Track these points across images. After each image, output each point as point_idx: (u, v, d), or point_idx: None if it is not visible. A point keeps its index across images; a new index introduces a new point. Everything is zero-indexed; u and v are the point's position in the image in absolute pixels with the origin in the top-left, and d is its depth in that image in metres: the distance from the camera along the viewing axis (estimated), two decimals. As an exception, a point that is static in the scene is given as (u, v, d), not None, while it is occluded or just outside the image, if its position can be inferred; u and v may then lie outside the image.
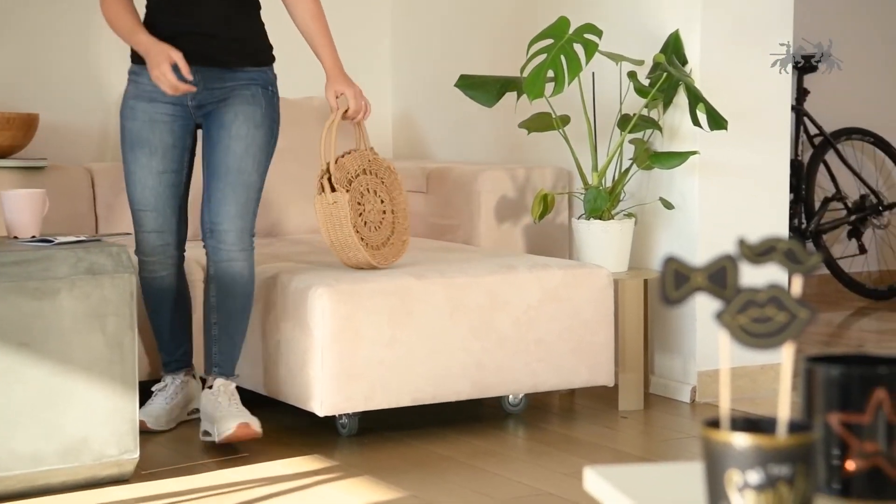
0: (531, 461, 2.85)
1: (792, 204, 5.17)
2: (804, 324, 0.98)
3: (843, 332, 4.71)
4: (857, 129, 5.30)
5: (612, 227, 3.37)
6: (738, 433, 0.95)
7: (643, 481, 1.15)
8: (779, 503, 0.92)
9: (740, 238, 1.01)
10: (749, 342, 0.99)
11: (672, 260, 1.00)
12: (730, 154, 3.43)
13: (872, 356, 1.08)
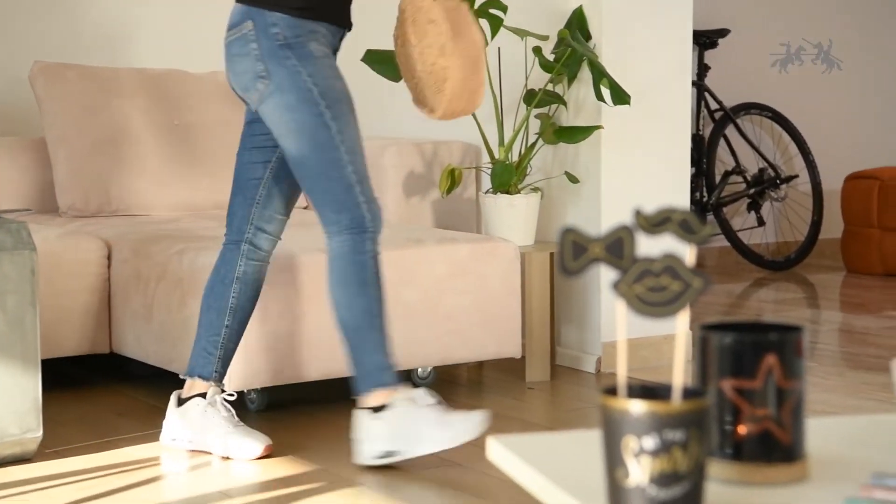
0: (440, 433, 2.87)
1: (693, 177, 5.26)
2: (698, 292, 1.01)
3: (742, 302, 4.83)
4: (755, 104, 5.42)
5: (518, 202, 3.41)
6: (634, 400, 0.97)
7: (544, 450, 1.17)
8: (673, 468, 0.95)
9: (636, 209, 1.04)
10: (645, 311, 1.01)
11: (570, 231, 1.02)
12: (633, 128, 3.48)
13: (764, 324, 1.12)
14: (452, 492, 2.44)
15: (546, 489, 1.08)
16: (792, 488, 1.03)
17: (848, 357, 3.75)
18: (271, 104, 2.48)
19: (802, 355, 1.07)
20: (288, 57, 2.46)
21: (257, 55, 2.47)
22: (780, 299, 4.88)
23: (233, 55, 2.52)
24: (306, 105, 2.47)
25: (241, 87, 2.54)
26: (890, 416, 1.21)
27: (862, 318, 4.36)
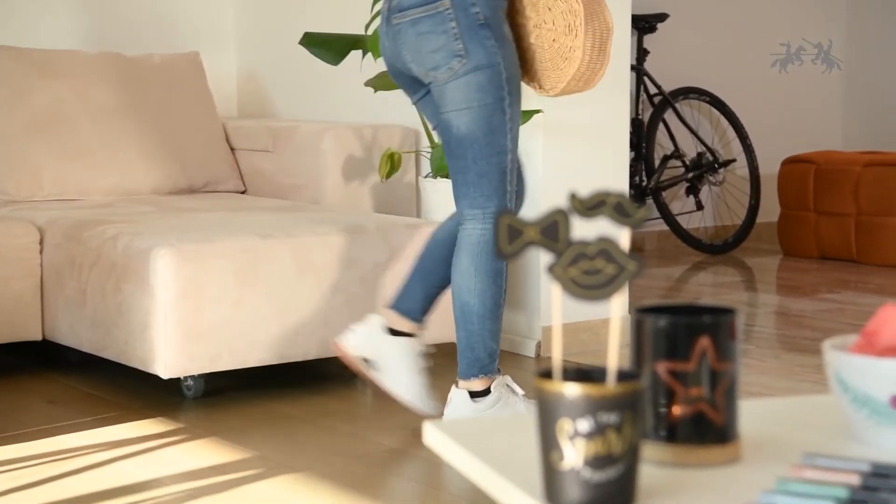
0: (379, 419, 2.86)
1: (633, 162, 5.29)
2: (632, 275, 1.00)
3: (681, 285, 4.87)
4: (694, 88, 5.46)
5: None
6: (569, 383, 0.97)
7: (480, 434, 1.17)
8: (607, 450, 0.95)
9: (571, 192, 1.03)
10: (579, 294, 1.01)
11: (505, 214, 1.02)
12: (572, 113, 3.49)
13: (698, 306, 1.12)
14: (395, 478, 2.44)
15: (482, 473, 1.07)
16: (725, 469, 1.04)
17: (784, 339, 3.80)
18: (461, 82, 2.48)
19: (736, 337, 1.08)
20: (488, 37, 2.48)
21: (455, 33, 2.46)
22: (718, 283, 4.92)
23: (421, 33, 2.50)
24: (494, 87, 2.48)
25: (428, 64, 2.51)
26: (821, 397, 1.22)
27: (798, 301, 4.41)
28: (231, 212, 3.38)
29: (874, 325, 1.09)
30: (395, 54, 2.58)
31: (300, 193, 3.74)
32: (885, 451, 1.06)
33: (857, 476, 0.96)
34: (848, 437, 1.10)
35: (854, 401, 1.07)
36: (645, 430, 1.07)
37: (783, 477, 0.97)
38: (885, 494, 0.92)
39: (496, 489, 1.05)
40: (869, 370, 1.05)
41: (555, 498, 0.96)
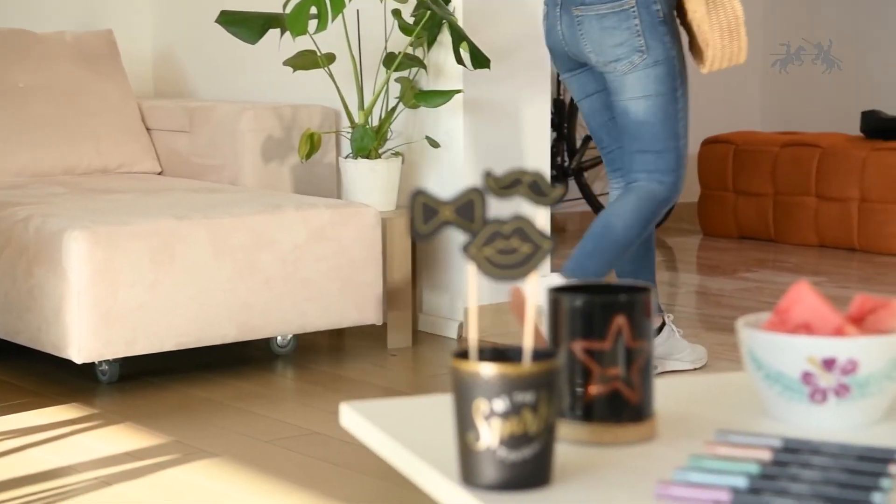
0: (299, 401, 2.84)
1: (555, 142, 5.31)
2: (546, 254, 1.00)
3: (602, 266, 4.90)
4: (615, 70, 5.48)
5: (379, 166, 3.38)
6: (484, 363, 0.96)
7: (398, 415, 1.16)
8: (523, 429, 0.94)
9: (486, 171, 1.02)
10: (495, 274, 1.00)
11: (420, 194, 1.00)
12: (493, 92, 3.48)
13: (613, 285, 1.12)
14: (311, 460, 2.42)
15: (397, 454, 1.06)
16: (640, 447, 1.04)
17: (704, 318, 3.84)
18: (641, 74, 2.75)
19: (650, 316, 1.08)
20: (665, 33, 2.75)
21: (638, 30, 2.73)
22: (638, 263, 4.96)
23: (606, 28, 2.76)
24: (669, 79, 2.78)
25: (609, 56, 2.77)
26: (736, 375, 1.23)
27: (717, 280, 4.47)
28: (146, 193, 3.32)
29: (786, 302, 1.10)
30: (569, 40, 2.82)
31: (218, 174, 3.69)
32: (796, 426, 1.07)
33: (769, 452, 0.97)
34: (761, 414, 1.11)
35: (767, 378, 1.08)
36: (561, 409, 1.07)
37: (696, 454, 0.97)
38: (795, 469, 0.92)
39: (412, 470, 1.04)
40: (781, 347, 1.06)
41: (471, 478, 0.96)
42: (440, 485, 0.98)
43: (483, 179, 1.02)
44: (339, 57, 3.46)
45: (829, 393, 1.05)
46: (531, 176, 1.04)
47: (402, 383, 3.05)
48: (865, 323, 1.10)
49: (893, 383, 1.06)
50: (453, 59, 3.32)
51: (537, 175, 1.03)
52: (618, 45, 2.75)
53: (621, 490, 0.93)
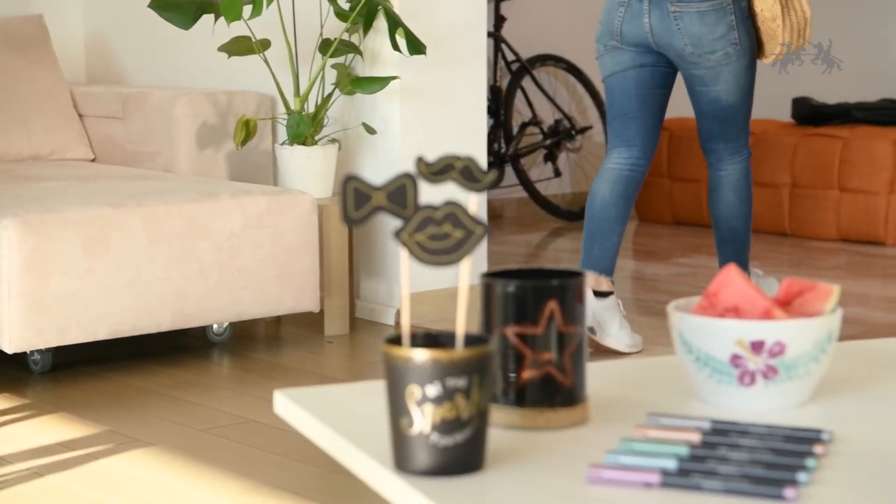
0: (235, 389, 2.83)
1: (491, 129, 5.32)
2: (479, 240, 1.00)
3: (540, 252, 4.93)
4: (551, 55, 5.51)
5: (315, 153, 3.36)
6: (417, 349, 0.96)
7: (331, 402, 1.16)
8: (455, 415, 0.94)
9: (418, 156, 1.02)
10: (427, 259, 1.00)
11: (352, 179, 1.00)
12: (430, 79, 3.48)
13: (546, 270, 1.12)
14: (247, 449, 2.41)
15: (331, 441, 1.06)
16: (572, 431, 1.05)
17: (639, 304, 3.88)
18: (735, 64, 3.12)
19: (583, 301, 1.08)
20: (749, 27, 3.12)
21: (733, 25, 3.08)
22: (576, 248, 5.00)
23: (707, 24, 3.08)
24: (752, 66, 3.17)
25: (706, 48, 3.09)
26: (667, 358, 1.24)
27: (653, 266, 4.51)
28: (79, 180, 3.28)
29: (715, 286, 1.11)
30: (658, 32, 3.09)
31: (152, 161, 3.65)
32: (725, 408, 1.08)
33: (698, 434, 0.98)
34: (691, 397, 1.12)
35: (697, 361, 1.09)
36: (494, 394, 1.07)
37: (627, 437, 0.98)
38: (724, 450, 0.94)
39: (346, 457, 1.04)
40: (710, 330, 1.07)
41: (404, 464, 0.96)
42: (373, 471, 0.98)
43: (415, 165, 1.01)
44: (274, 43, 3.43)
45: (758, 375, 1.07)
46: (463, 161, 1.04)
47: (338, 370, 3.04)
48: (793, 306, 1.12)
49: (819, 365, 1.08)
50: (389, 46, 3.31)
51: (469, 160, 1.03)
52: (717, 38, 3.08)
53: (553, 474, 0.94)
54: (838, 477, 0.90)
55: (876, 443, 0.96)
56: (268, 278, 3.11)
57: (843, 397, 1.11)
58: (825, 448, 0.96)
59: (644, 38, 3.12)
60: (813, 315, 1.09)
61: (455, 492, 0.91)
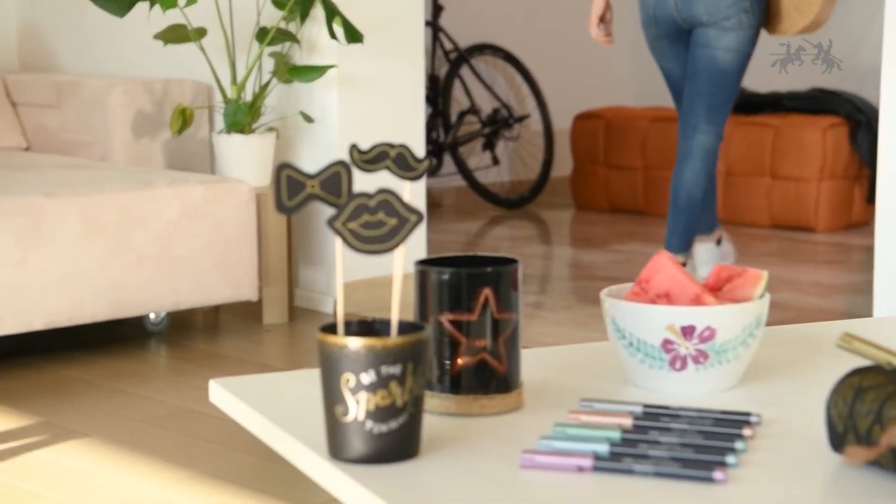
0: (173, 379, 2.81)
1: (430, 118, 5.32)
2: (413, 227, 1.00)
3: (479, 240, 4.94)
4: (489, 45, 5.52)
5: (252, 142, 3.35)
6: (351, 337, 0.96)
7: (266, 390, 1.16)
8: (390, 402, 0.95)
9: (352, 144, 1.02)
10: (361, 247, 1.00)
11: (285, 167, 1.00)
12: (367, 68, 3.47)
13: (481, 257, 1.13)
14: (185, 439, 2.39)
15: (266, 429, 1.06)
16: (507, 417, 1.06)
17: (577, 290, 3.91)
18: (741, 33, 3.30)
19: (517, 288, 1.09)
20: (764, 3, 3.31)
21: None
22: (515, 236, 5.02)
23: None
24: (755, 40, 3.33)
25: (720, 14, 3.30)
26: (601, 344, 1.26)
27: (590, 253, 4.55)
28: (12, 170, 3.23)
29: (647, 272, 1.13)
30: (681, 6, 3.31)
31: (87, 150, 3.60)
32: (657, 393, 1.10)
33: (630, 418, 0.99)
34: (624, 382, 1.14)
35: (629, 346, 1.11)
36: (429, 381, 1.08)
37: (560, 422, 0.99)
38: (655, 434, 0.95)
39: (281, 446, 1.04)
40: (642, 316, 1.09)
41: (339, 452, 0.96)
42: (308, 459, 0.98)
43: (348, 153, 1.02)
44: (210, 31, 3.41)
45: (689, 360, 1.09)
46: (397, 149, 1.04)
47: (277, 359, 3.03)
48: (722, 292, 1.13)
49: (749, 350, 1.10)
50: (327, 34, 3.30)
51: (403, 148, 1.04)
52: (730, 5, 3.29)
53: (487, 459, 0.95)
54: (766, 458, 0.92)
55: (802, 424, 0.98)
56: (205, 267, 3.09)
57: (771, 381, 1.13)
58: (754, 430, 0.97)
59: (671, 16, 3.35)
60: (742, 300, 1.11)
61: (389, 479, 0.91)
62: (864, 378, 0.87)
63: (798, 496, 0.86)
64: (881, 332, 1.37)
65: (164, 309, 3.06)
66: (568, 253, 4.71)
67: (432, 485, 0.91)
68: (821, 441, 0.92)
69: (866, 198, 4.95)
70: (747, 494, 0.85)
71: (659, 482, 0.87)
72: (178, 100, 3.58)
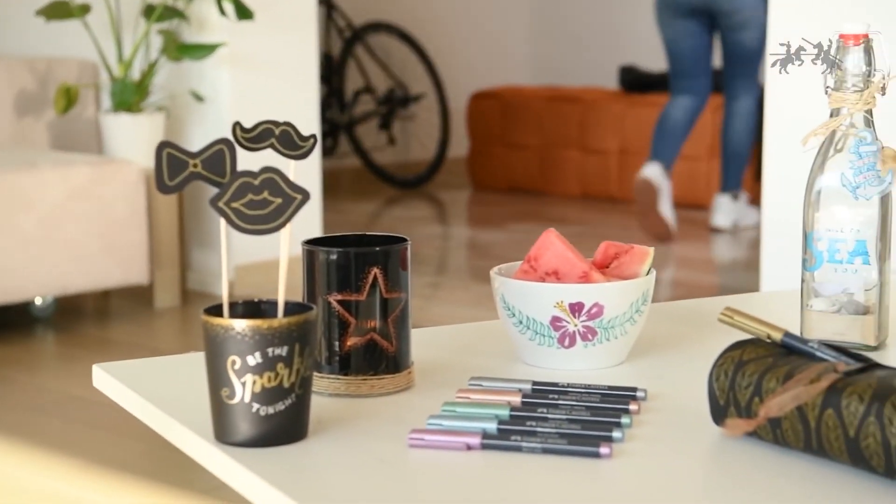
0: (61, 366, 2.74)
1: (326, 97, 5.28)
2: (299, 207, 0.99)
3: (376, 220, 4.93)
4: (384, 23, 5.49)
5: (141, 121, 3.28)
6: (236, 318, 0.95)
7: (151, 374, 1.13)
8: (277, 383, 0.93)
9: (235, 122, 1.00)
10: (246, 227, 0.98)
11: (166, 145, 0.97)
12: (259, 45, 3.42)
13: (369, 236, 1.12)
14: (74, 426, 2.34)
15: (150, 413, 1.04)
16: (397, 397, 1.05)
17: (474, 270, 3.92)
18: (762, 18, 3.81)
19: (406, 267, 1.09)
20: None
21: None
22: (411, 217, 5.02)
23: None
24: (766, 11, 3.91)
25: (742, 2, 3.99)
26: (492, 323, 1.25)
27: (487, 232, 4.57)
28: None
29: (535, 251, 1.13)
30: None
31: (-32, 131, 3.49)
32: (546, 370, 1.10)
33: (519, 396, 0.99)
34: (515, 360, 1.14)
35: (519, 324, 1.11)
36: (318, 363, 1.07)
37: (449, 401, 0.99)
38: (542, 410, 0.96)
39: (167, 430, 1.02)
40: (530, 294, 1.09)
41: (225, 435, 0.94)
42: (194, 444, 0.96)
43: (231, 130, 1.00)
44: (95, 7, 3.32)
45: (577, 337, 1.09)
46: (282, 127, 1.02)
47: (170, 343, 2.99)
48: (610, 269, 1.14)
49: (636, 326, 1.11)
50: (216, 11, 3.25)
51: (288, 125, 1.02)
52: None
53: (376, 439, 0.94)
54: (651, 432, 0.93)
55: (686, 398, 0.99)
56: (94, 251, 3.02)
57: (658, 356, 1.14)
58: (640, 405, 0.98)
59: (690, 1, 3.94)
60: (629, 277, 1.12)
61: (276, 461, 0.90)
62: (744, 351, 0.88)
63: (679, 468, 0.87)
64: (764, 306, 1.40)
65: (50, 293, 2.99)
66: (465, 233, 4.72)
67: (320, 466, 0.90)
68: (704, 414, 0.93)
69: (755, 176, 5.07)
70: (631, 468, 0.86)
71: (546, 458, 0.87)
72: (63, 78, 3.49)
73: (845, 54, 1.10)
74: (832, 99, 1.10)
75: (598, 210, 4.93)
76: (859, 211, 1.11)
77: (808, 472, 0.83)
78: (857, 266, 1.12)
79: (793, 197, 1.30)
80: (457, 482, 0.85)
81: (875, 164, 1.08)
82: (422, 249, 4.11)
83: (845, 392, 0.79)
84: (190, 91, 3.37)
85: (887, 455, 0.77)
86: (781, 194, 2.55)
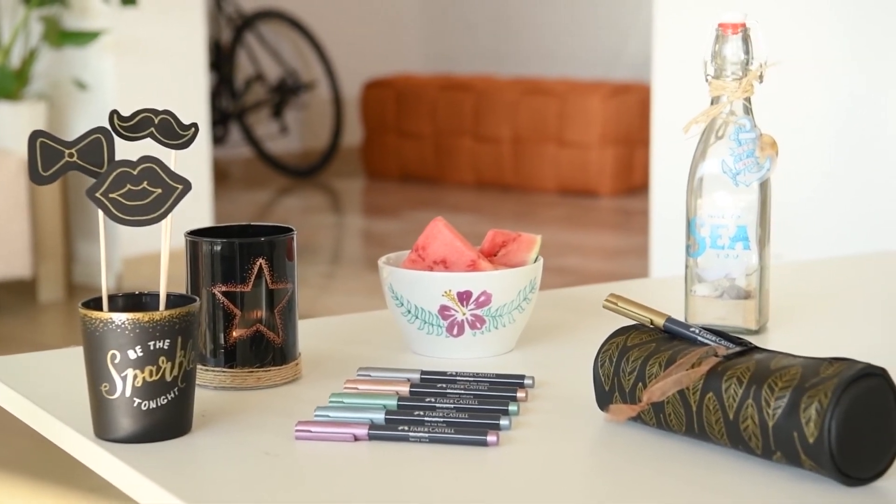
0: (-60, 363, 2.66)
1: (216, 85, 5.21)
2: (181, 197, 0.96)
3: (270, 211, 4.88)
4: (274, 11, 5.44)
5: (22, 110, 3.19)
6: (116, 312, 0.92)
7: (29, 369, 1.10)
8: (159, 377, 0.91)
9: (113, 110, 0.98)
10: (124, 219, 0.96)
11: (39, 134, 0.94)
12: (145, 32, 3.36)
13: (255, 226, 1.10)
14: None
15: (26, 410, 1.01)
16: (284, 389, 1.04)
17: (368, 260, 3.91)
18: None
19: (293, 257, 1.07)
20: None
21: None
22: (305, 206, 4.98)
23: None
24: None
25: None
26: (381, 313, 1.25)
27: (382, 222, 4.56)
28: None
29: (423, 239, 1.12)
30: None
31: None
32: (435, 359, 1.10)
33: (408, 385, 0.99)
34: (404, 350, 1.13)
35: (407, 313, 1.10)
36: (203, 355, 1.05)
37: (337, 392, 0.98)
38: (430, 399, 0.95)
39: (44, 427, 0.99)
40: (418, 283, 1.09)
41: (106, 431, 0.92)
42: (72, 440, 0.94)
43: (108, 119, 0.97)
44: (-27, -8, 3.22)
45: (465, 325, 1.09)
46: (161, 115, 1.00)
47: (54, 338, 2.91)
48: (497, 257, 1.14)
49: (524, 314, 1.11)
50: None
51: (167, 113, 1.00)
52: None
53: (262, 432, 0.93)
54: (538, 420, 0.93)
55: (574, 385, 1.00)
56: (-26, 243, 2.93)
57: (546, 343, 1.15)
58: (527, 393, 0.98)
59: None
60: (517, 265, 1.12)
61: (159, 457, 0.88)
62: (628, 337, 0.89)
63: (565, 454, 0.87)
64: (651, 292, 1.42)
65: (-71, 288, 2.89)
66: (359, 222, 4.70)
67: (204, 461, 0.89)
68: (590, 400, 0.94)
69: (645, 163, 5.14)
70: (518, 455, 0.86)
71: (434, 447, 0.87)
72: (-59, 66, 3.37)
73: (724, 43, 1.11)
74: (712, 87, 1.11)
75: (492, 198, 4.96)
76: (740, 197, 1.13)
77: (690, 455, 0.84)
78: (739, 251, 1.14)
79: (679, 184, 1.32)
80: (343, 473, 0.84)
81: (754, 151, 1.10)
82: (315, 239, 4.08)
83: (725, 375, 0.81)
84: (72, 79, 3.29)
85: (764, 436, 0.78)
86: (668, 181, 2.59)
